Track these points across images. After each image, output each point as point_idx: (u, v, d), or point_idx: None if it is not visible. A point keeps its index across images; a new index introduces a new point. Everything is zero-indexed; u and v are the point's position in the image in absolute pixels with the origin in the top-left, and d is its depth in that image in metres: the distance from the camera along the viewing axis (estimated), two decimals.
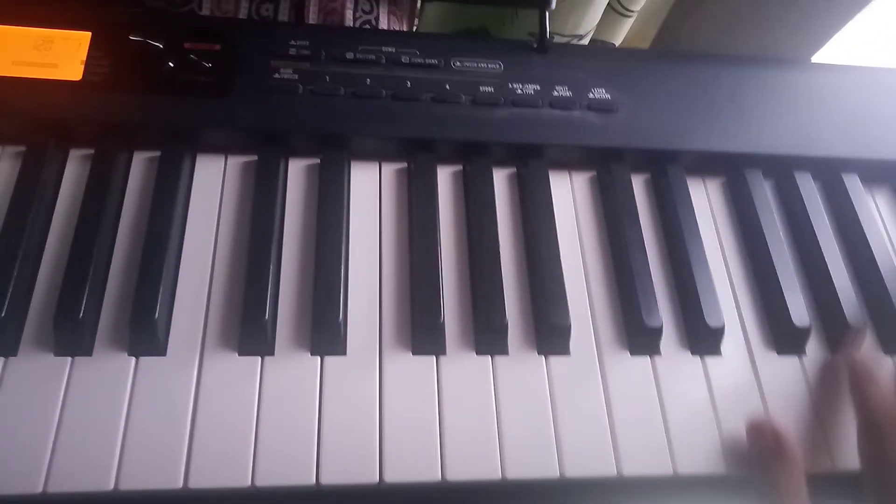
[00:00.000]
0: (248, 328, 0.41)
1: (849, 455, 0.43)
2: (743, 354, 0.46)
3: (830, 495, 0.42)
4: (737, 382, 0.45)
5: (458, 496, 0.41)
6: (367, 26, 0.64)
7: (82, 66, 0.46)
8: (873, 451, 0.41)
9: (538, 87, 0.51)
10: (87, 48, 0.47)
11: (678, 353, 0.45)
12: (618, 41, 0.75)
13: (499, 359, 0.43)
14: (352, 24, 0.63)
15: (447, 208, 0.49)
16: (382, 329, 0.43)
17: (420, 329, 0.43)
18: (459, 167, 0.51)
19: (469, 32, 0.74)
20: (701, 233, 0.49)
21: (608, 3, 0.69)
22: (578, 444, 0.41)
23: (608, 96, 0.51)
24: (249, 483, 0.38)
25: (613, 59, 0.54)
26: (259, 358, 0.41)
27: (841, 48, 0.72)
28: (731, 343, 0.46)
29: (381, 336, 0.43)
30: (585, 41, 0.70)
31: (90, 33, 0.48)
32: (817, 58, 0.71)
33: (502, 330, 0.43)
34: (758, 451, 0.42)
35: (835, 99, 0.55)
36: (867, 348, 0.47)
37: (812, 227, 0.50)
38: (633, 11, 0.70)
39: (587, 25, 0.66)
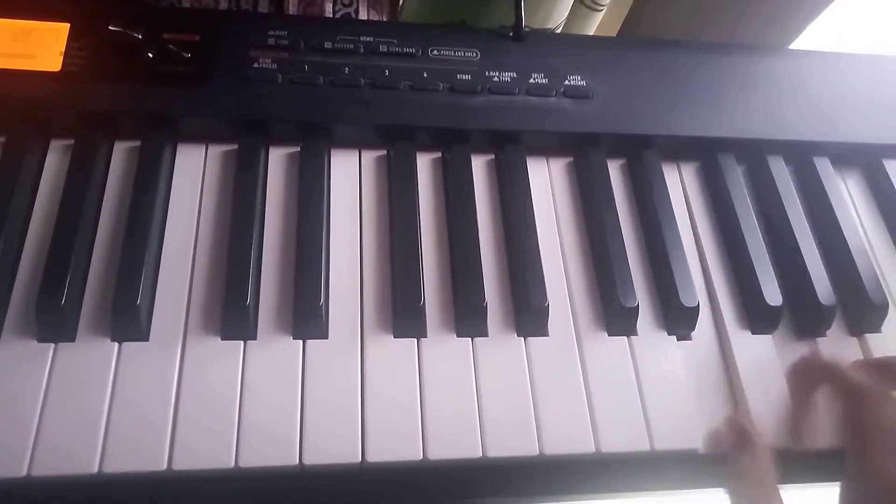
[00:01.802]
0: (231, 313, 0.42)
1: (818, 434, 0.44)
2: (717, 333, 0.47)
3: (797, 472, 0.43)
4: (711, 360, 0.46)
5: (440, 475, 0.41)
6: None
7: (61, 57, 0.47)
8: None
9: (515, 75, 0.52)
10: (66, 39, 0.47)
11: (654, 333, 0.46)
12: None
13: (479, 340, 0.44)
14: (331, 17, 0.63)
15: (427, 194, 0.49)
16: (364, 313, 0.44)
17: (401, 312, 0.44)
18: (438, 154, 0.51)
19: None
20: (676, 216, 0.50)
21: None
22: (558, 422, 0.42)
23: (584, 83, 0.52)
24: (233, 464, 0.38)
25: (589, 47, 0.55)
26: (241, 342, 0.42)
27: (816, 38, 0.74)
28: (706, 322, 0.47)
29: (362, 319, 0.44)
30: None
31: (69, 24, 0.48)
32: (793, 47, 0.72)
33: (482, 312, 0.44)
34: (727, 445, 0.42)
35: (806, 84, 0.56)
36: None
37: (784, 209, 0.51)
38: (602, 5, 0.71)
39: (557, 18, 0.67)
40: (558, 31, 0.70)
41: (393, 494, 0.41)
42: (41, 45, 0.47)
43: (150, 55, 0.48)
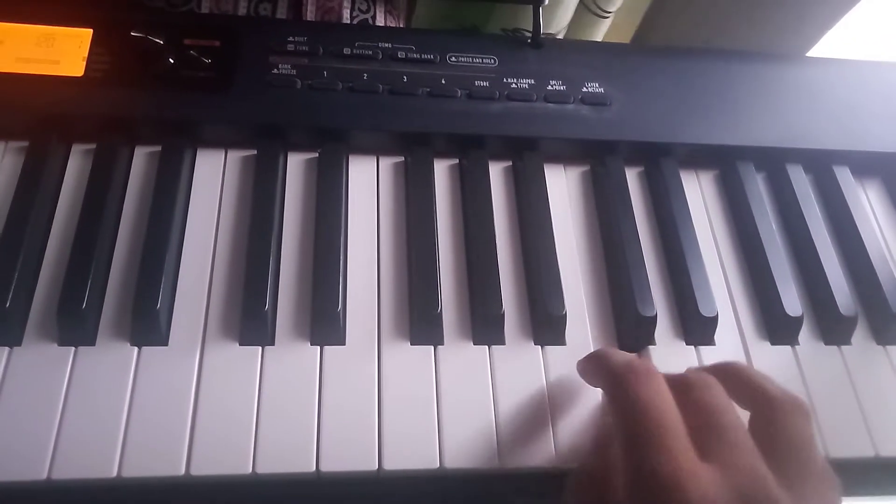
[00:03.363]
0: (249, 318, 0.42)
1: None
2: (736, 343, 0.47)
3: None
4: None
5: (456, 484, 0.41)
6: None
7: (84, 63, 0.47)
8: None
9: (532, 82, 0.52)
10: (89, 45, 0.48)
11: (673, 343, 0.46)
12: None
13: (496, 349, 0.44)
14: (349, 23, 0.64)
15: (444, 201, 0.49)
16: (381, 319, 0.44)
17: (418, 319, 0.44)
18: (456, 161, 0.51)
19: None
20: (694, 224, 0.50)
21: (584, 4, 0.70)
22: (575, 433, 0.42)
23: (602, 90, 0.52)
24: (250, 470, 0.38)
25: (607, 54, 0.55)
26: (259, 348, 0.42)
27: (833, 46, 0.73)
28: (725, 332, 0.47)
29: (379, 326, 0.44)
30: None
31: (91, 30, 0.48)
32: (810, 55, 0.72)
33: (499, 320, 0.44)
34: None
35: (826, 92, 0.56)
36: None
37: (804, 218, 0.51)
38: (609, 13, 0.71)
39: (558, 24, 0.67)
40: (560, 36, 0.70)
41: (409, 503, 0.40)
42: (64, 51, 0.47)
43: (172, 60, 0.48)
